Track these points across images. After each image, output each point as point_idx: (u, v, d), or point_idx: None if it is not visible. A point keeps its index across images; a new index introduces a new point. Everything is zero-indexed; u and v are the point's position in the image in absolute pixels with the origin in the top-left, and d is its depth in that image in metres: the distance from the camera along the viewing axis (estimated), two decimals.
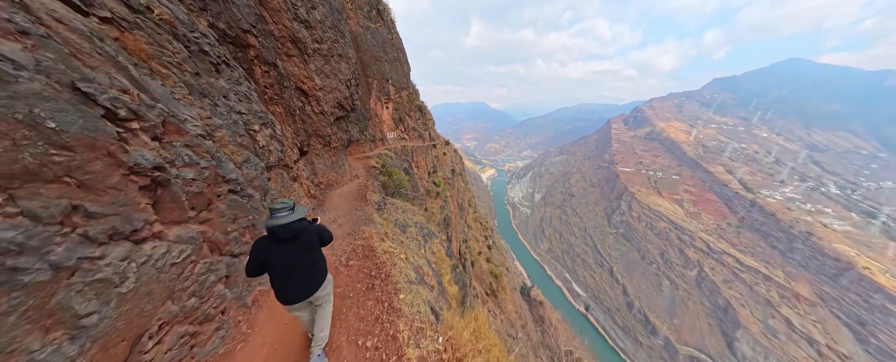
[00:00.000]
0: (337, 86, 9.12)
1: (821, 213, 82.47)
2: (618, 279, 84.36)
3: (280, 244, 2.24)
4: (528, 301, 53.55)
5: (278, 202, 2.30)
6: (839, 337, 56.11)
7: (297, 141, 7.10)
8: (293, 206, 2.34)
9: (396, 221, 7.53)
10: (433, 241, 8.72)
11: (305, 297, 2.40)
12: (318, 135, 8.67)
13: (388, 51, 20.65)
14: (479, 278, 23.86)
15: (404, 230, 7.37)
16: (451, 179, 31.16)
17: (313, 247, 2.44)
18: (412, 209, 10.04)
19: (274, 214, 2.25)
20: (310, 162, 8.29)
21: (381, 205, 7.74)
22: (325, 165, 9.19)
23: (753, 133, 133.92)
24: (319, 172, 8.77)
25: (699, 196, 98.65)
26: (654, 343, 67.51)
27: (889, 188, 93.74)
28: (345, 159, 10.80)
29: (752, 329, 60.92)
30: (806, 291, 65.40)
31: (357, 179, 10.53)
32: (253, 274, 2.26)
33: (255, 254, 2.24)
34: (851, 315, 58.58)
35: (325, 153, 9.22)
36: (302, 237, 2.33)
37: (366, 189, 8.68)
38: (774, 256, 75.05)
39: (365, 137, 15.33)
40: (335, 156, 9.85)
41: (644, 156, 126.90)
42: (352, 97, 10.15)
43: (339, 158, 10.14)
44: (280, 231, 2.21)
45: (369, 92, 17.80)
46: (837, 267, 65.59)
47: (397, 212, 8.47)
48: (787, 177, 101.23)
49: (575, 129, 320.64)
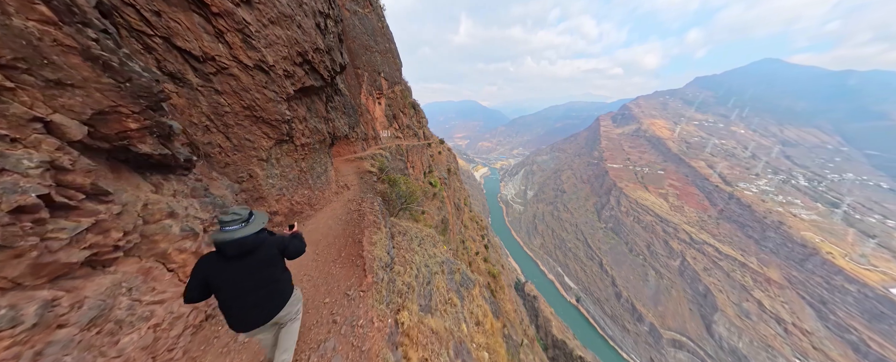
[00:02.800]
0: (295, 17, 4.76)
1: (791, 204, 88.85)
2: (607, 271, 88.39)
3: (229, 262, 1.93)
4: (523, 296, 56.19)
5: (230, 211, 1.97)
6: (803, 316, 61.70)
7: (202, 130, 4.09)
8: (249, 217, 2.03)
9: (419, 282, 4.72)
10: (472, 295, 6.20)
11: (267, 320, 2.09)
12: (265, 122, 4.81)
13: (378, 40, 18.62)
14: None
15: (430, 299, 4.65)
16: (447, 179, 30.46)
17: (273, 263, 2.12)
18: (430, 234, 7.55)
19: (223, 227, 1.92)
20: (247, 175, 4.81)
21: (388, 262, 4.47)
22: (286, 178, 5.56)
23: (732, 129, 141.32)
24: (274, 193, 5.25)
25: (682, 190, 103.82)
26: (641, 329, 71.81)
27: (850, 179, 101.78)
28: (328, 163, 7.31)
29: (728, 312, 65.86)
30: (776, 276, 70.96)
31: (347, 191, 7.84)
32: (193, 300, 1.92)
33: (198, 275, 1.90)
34: (815, 295, 64.31)
35: (285, 156, 5.48)
36: (257, 252, 2.02)
37: (361, 216, 5.47)
38: (750, 244, 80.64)
39: (356, 135, 13.48)
40: (308, 159, 6.20)
41: (631, 153, 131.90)
42: (329, 54, 5.77)
43: (316, 162, 6.56)
44: (229, 247, 1.89)
45: (360, 85, 15.88)
46: (804, 252, 71.43)
47: (413, 253, 5.53)
48: (761, 170, 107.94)
49: (565, 127, 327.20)
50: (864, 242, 73.92)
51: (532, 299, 56.14)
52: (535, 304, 54.26)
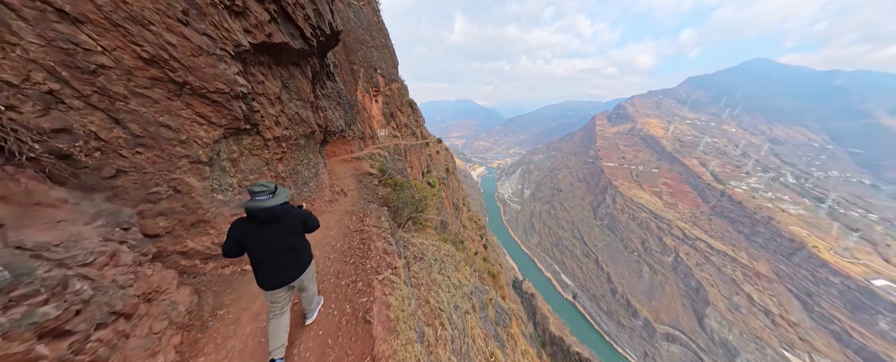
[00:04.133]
0: None
1: (780, 200, 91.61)
2: (603, 268, 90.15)
3: (260, 226, 2.18)
4: (521, 294, 57.30)
5: (258, 184, 2.17)
6: (790, 308, 64.04)
7: None
8: (275, 189, 2.24)
9: (454, 336, 3.57)
10: (512, 336, 5.34)
11: (288, 282, 2.34)
12: (199, 96, 3.02)
13: (374, 35, 17.89)
14: None
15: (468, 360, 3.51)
16: (446, 179, 30.20)
17: (296, 232, 2.37)
18: (448, 252, 6.32)
19: (254, 197, 2.15)
20: (170, 189, 3.00)
21: (417, 335, 2.84)
22: None
23: (723, 128, 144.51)
24: (226, 214, 3.47)
25: (676, 187, 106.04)
26: (635, 324, 73.67)
27: (835, 176, 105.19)
28: (320, 164, 6.09)
29: (719, 305, 67.98)
30: (765, 269, 73.33)
31: (343, 198, 6.54)
32: (230, 255, 2.18)
33: (234, 234, 2.17)
34: (801, 288, 66.72)
35: (247, 156, 3.86)
36: (283, 220, 2.27)
37: (365, 243, 4.11)
38: (740, 240, 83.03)
39: (353, 133, 12.65)
40: (289, 159, 4.79)
41: (626, 152, 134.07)
42: (313, 2, 4.14)
43: (301, 164, 5.21)
44: (259, 213, 2.13)
45: (355, 82, 15.32)
46: (792, 246, 73.92)
47: (437, 289, 4.32)
48: (751, 168, 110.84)
49: (561, 126, 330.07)
50: (848, 236, 76.75)
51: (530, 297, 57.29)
52: (532, 302, 55.39)
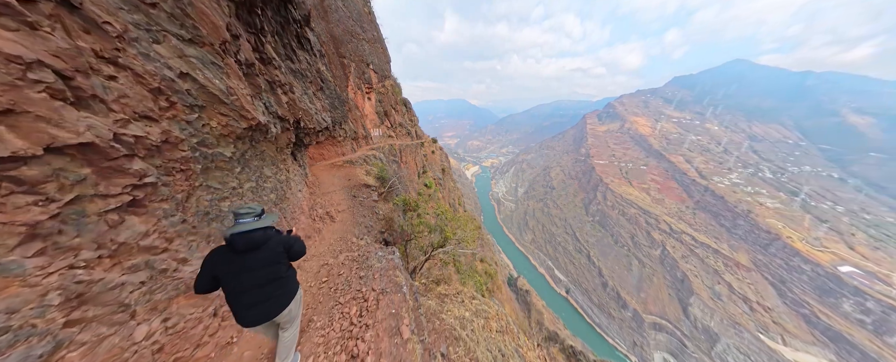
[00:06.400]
0: None
1: (758, 194, 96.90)
2: (594, 262, 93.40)
3: (237, 255, 1.94)
4: (516, 291, 59.34)
5: (245, 206, 2.02)
6: (766, 295, 68.51)
7: None
8: (262, 212, 2.07)
9: None
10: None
11: (266, 319, 2.07)
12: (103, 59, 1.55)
13: (365, 27, 16.49)
14: None
15: None
16: (441, 179, 29.65)
17: (278, 260, 2.10)
18: (498, 319, 4.63)
19: (238, 219, 1.97)
20: None
21: None
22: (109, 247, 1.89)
23: (706, 126, 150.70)
24: None
25: (663, 184, 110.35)
26: (625, 315, 77.07)
27: (807, 171, 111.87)
28: (290, 175, 4.80)
29: (702, 295, 71.94)
30: (744, 260, 77.87)
31: (331, 225, 4.89)
32: (202, 291, 1.92)
33: (207, 267, 1.92)
34: (776, 276, 71.34)
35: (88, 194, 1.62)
36: (265, 246, 2.02)
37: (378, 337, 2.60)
38: (722, 232, 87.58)
39: (344, 132, 11.39)
40: (215, 181, 2.86)
41: (616, 149, 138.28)
42: None
43: (261, 177, 3.83)
44: (238, 241, 1.91)
45: (346, 77, 13.83)
46: (768, 237, 78.70)
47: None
48: (733, 165, 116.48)
49: (553, 125, 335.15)
50: (818, 226, 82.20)
51: (524, 293, 59.30)
52: (527, 298, 57.43)
